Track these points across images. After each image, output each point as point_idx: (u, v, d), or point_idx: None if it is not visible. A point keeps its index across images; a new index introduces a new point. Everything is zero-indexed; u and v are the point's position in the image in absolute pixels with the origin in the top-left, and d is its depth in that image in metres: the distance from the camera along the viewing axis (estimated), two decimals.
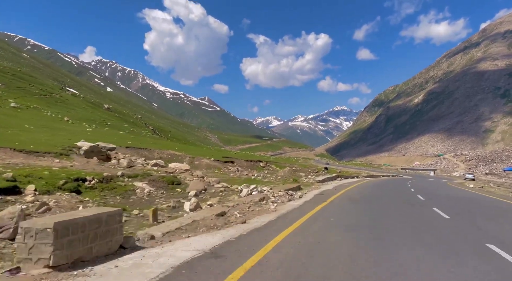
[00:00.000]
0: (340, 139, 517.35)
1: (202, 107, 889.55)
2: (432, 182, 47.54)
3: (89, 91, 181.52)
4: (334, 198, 15.98)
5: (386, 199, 17.28)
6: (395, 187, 28.22)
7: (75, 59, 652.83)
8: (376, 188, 24.91)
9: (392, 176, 62.08)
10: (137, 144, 30.14)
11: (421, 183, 39.25)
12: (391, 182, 38.33)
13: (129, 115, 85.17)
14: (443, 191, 26.48)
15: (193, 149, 46.64)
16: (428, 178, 64.73)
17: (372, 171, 74.91)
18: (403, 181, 42.43)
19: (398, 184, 34.26)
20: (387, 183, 34.81)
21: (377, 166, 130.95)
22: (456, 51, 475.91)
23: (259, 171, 29.60)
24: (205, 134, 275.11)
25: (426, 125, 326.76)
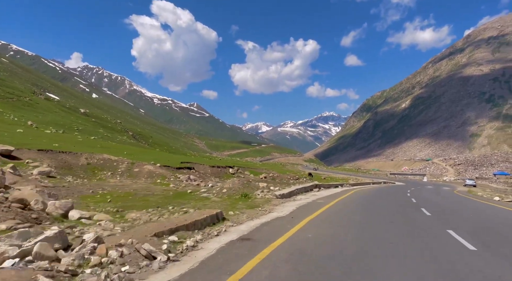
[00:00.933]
0: (329, 144, 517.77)
1: (191, 113, 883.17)
2: (433, 190, 39.29)
3: (70, 96, 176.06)
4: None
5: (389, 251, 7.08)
6: (395, 201, 19.56)
7: (60, 65, 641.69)
8: (367, 209, 14.80)
9: (383, 183, 53.80)
10: (82, 148, 26.51)
11: (424, 194, 29.58)
12: (384, 192, 28.46)
13: (107, 120, 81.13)
14: (472, 212, 16.00)
15: (151, 152, 42.21)
16: (425, 185, 55.29)
17: (361, 177, 69.01)
18: (399, 191, 32.57)
19: (395, 196, 24.62)
20: (380, 194, 25.48)
21: (366, 171, 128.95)
22: (441, 57, 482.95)
23: (227, 178, 26.34)
24: (192, 140, 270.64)
25: (414, 130, 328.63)
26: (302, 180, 33.58)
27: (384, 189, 35.87)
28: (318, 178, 44.85)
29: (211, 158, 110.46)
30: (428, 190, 38.31)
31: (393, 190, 33.08)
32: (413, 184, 56.60)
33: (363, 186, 39.02)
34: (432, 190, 38.96)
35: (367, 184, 43.69)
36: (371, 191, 28.53)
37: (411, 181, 75.99)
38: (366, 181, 50.17)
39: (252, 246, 6.69)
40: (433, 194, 31.31)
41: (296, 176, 36.24)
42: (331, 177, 53.73)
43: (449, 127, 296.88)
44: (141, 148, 51.16)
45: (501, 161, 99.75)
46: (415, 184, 57.17)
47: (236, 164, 50.05)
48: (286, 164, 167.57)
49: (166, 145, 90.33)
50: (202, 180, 22.36)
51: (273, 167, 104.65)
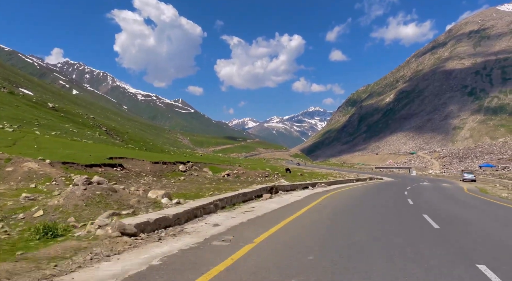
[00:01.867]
0: (315, 139, 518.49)
1: (176, 109, 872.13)
2: (436, 189, 31.32)
3: (46, 92, 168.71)
4: None
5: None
6: (398, 226, 10.55)
7: (39, 61, 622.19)
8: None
9: (369, 179, 43.83)
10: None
11: (433, 199, 20.94)
12: (373, 197, 19.88)
13: (78, 116, 76.36)
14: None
15: (97, 147, 34.95)
16: (420, 181, 45.17)
17: (345, 171, 64.70)
18: (393, 193, 23.69)
19: (393, 207, 15.81)
20: (367, 204, 16.21)
21: (351, 165, 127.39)
22: (424, 51, 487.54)
23: (173, 177, 22.94)
24: (175, 137, 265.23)
25: (398, 124, 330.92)
26: (273, 177, 30.25)
27: (372, 189, 26.20)
28: (294, 174, 41.82)
29: (192, 154, 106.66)
30: (429, 190, 29.76)
31: (385, 193, 23.56)
32: (404, 180, 49.03)
33: (344, 185, 30.43)
34: (435, 189, 30.80)
35: (349, 181, 35.00)
36: (354, 195, 20.09)
37: (399, 176, 69.98)
38: (349, 176, 43.59)
39: None
40: (446, 198, 22.16)
41: (266, 172, 32.46)
42: (312, 172, 50.34)
43: (433, 120, 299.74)
44: (105, 144, 47.04)
45: (485, 152, 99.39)
46: (406, 180, 48.88)
47: (199, 159, 46.46)
48: (270, 159, 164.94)
49: (143, 141, 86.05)
50: (125, 181, 18.68)
51: (256, 162, 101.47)
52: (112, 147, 41.86)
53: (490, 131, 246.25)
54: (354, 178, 37.29)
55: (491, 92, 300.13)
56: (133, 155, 30.93)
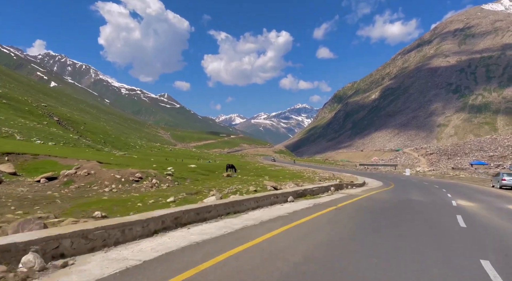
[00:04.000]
0: (301, 136, 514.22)
1: (161, 104, 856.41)
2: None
3: (11, 81, 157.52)
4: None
5: None
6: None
7: (19, 52, 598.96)
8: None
9: (348, 186, 25.34)
10: None
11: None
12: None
13: (26, 103, 67.69)
14: None
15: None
16: (430, 188, 29.32)
17: (322, 169, 53.80)
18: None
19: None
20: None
21: (333, 162, 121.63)
22: (410, 48, 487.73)
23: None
24: (156, 131, 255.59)
25: (383, 121, 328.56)
26: (149, 183, 19.42)
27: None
28: (244, 171, 35.08)
29: (159, 148, 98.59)
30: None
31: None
32: (402, 184, 33.83)
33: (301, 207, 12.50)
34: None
35: (320, 191, 17.35)
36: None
37: (389, 176, 50.47)
38: (324, 176, 32.51)
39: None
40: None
41: (137, 174, 20.55)
42: (280, 170, 41.64)
43: (418, 117, 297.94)
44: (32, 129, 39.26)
45: (475, 149, 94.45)
46: (411, 187, 29.15)
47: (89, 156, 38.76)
48: (247, 155, 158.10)
49: (103, 133, 77.72)
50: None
51: (230, 158, 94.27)
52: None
53: (474, 129, 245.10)
54: (332, 183, 20.63)
55: (476, 90, 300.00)
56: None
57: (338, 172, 45.11)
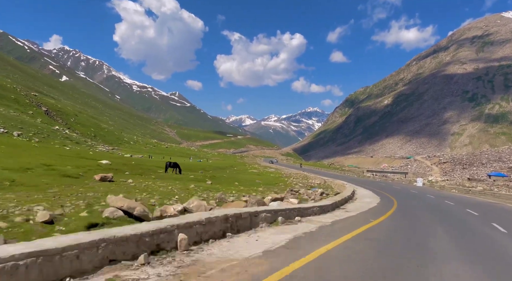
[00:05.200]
0: (310, 139, 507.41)
1: (171, 102, 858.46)
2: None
3: (15, 71, 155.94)
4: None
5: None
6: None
7: (34, 46, 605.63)
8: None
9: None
10: None
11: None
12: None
13: (14, 92, 64.01)
14: None
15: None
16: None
17: (319, 175, 47.19)
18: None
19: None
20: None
21: (339, 167, 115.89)
22: (425, 54, 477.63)
23: None
24: (162, 129, 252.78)
25: (395, 127, 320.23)
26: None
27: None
28: (219, 173, 29.77)
29: (155, 145, 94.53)
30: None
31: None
32: (411, 203, 22.97)
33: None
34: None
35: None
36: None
37: (397, 189, 38.63)
38: (313, 183, 28.02)
39: None
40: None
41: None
42: (262, 173, 36.56)
43: (431, 125, 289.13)
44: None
45: (493, 160, 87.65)
46: (418, 203, 23.40)
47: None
48: (247, 156, 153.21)
49: (95, 127, 73.75)
50: None
51: (228, 158, 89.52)
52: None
53: (490, 139, 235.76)
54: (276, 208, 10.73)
55: (493, 99, 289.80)
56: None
57: (332, 178, 37.19)
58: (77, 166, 19.53)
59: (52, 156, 23.86)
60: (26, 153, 23.24)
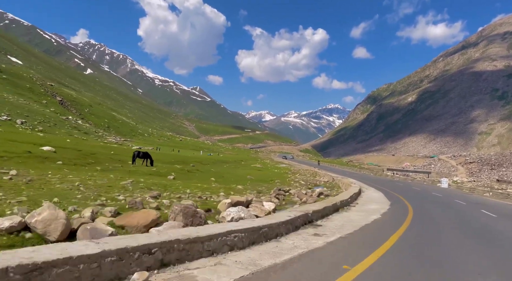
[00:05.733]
0: (329, 136, 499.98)
1: (192, 96, 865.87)
2: None
3: (39, 63, 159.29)
4: None
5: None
6: None
7: (61, 39, 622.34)
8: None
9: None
10: None
11: None
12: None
13: (30, 81, 64.20)
14: None
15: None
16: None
17: (332, 172, 42.73)
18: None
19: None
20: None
21: (358, 164, 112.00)
22: (453, 51, 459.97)
23: None
24: (181, 122, 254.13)
25: (419, 125, 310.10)
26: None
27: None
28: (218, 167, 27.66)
29: (168, 138, 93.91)
30: None
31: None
32: (432, 215, 15.01)
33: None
34: None
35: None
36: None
37: (417, 190, 31.87)
38: (321, 180, 25.74)
39: None
40: None
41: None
42: (264, 168, 33.69)
43: (457, 124, 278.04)
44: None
45: None
46: (444, 215, 15.33)
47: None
48: (262, 151, 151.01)
49: (110, 118, 73.39)
50: None
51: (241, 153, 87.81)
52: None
53: None
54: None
55: None
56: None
57: (343, 177, 34.59)
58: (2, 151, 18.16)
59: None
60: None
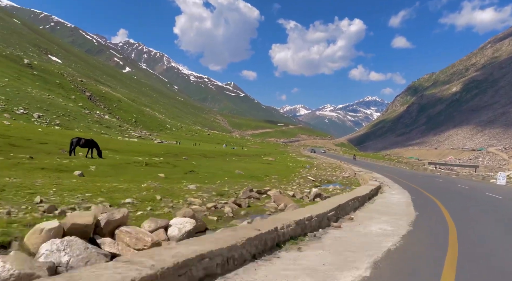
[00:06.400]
0: (367, 129, 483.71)
1: (226, 92, 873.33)
2: None
3: (78, 61, 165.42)
4: None
5: None
6: None
7: (102, 39, 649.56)
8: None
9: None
10: None
11: None
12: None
13: (59, 76, 65.22)
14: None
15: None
16: None
17: (358, 167, 36.28)
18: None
19: None
20: None
21: (396, 158, 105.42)
22: (503, 36, 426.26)
23: None
24: (213, 117, 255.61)
25: (464, 116, 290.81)
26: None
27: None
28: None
29: (197, 132, 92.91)
30: None
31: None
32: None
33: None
34: None
35: None
36: None
37: (466, 187, 24.54)
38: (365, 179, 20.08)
39: None
40: None
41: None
42: (290, 166, 29.48)
43: (508, 114, 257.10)
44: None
45: None
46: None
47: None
48: (291, 145, 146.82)
49: (138, 113, 73.37)
50: None
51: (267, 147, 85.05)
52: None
53: None
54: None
55: None
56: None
57: (371, 171, 29.81)
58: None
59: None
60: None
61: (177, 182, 14.71)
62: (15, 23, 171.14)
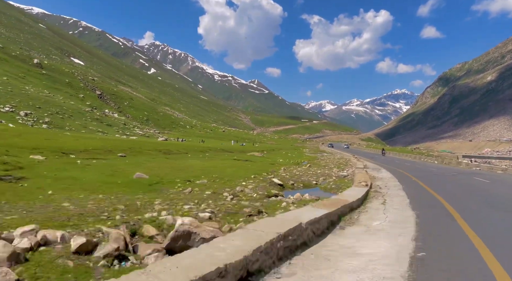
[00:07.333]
0: (395, 123, 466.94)
1: (250, 90, 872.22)
2: None
3: (100, 62, 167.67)
4: None
5: None
6: None
7: (128, 42, 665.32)
8: None
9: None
10: None
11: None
12: None
13: (69, 75, 64.25)
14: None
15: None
16: None
17: (370, 162, 32.03)
18: None
19: None
20: None
21: (426, 152, 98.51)
22: None
23: None
24: (236, 115, 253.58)
25: (501, 106, 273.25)
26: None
27: None
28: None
29: (213, 129, 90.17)
30: None
31: None
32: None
33: None
34: None
35: None
36: None
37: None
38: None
39: None
40: None
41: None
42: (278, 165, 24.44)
43: None
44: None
45: None
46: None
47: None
48: (311, 141, 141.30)
49: (150, 111, 71.42)
50: None
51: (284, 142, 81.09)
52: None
53: None
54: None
55: None
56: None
57: (376, 165, 24.59)
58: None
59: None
60: None
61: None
62: (40, 28, 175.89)
